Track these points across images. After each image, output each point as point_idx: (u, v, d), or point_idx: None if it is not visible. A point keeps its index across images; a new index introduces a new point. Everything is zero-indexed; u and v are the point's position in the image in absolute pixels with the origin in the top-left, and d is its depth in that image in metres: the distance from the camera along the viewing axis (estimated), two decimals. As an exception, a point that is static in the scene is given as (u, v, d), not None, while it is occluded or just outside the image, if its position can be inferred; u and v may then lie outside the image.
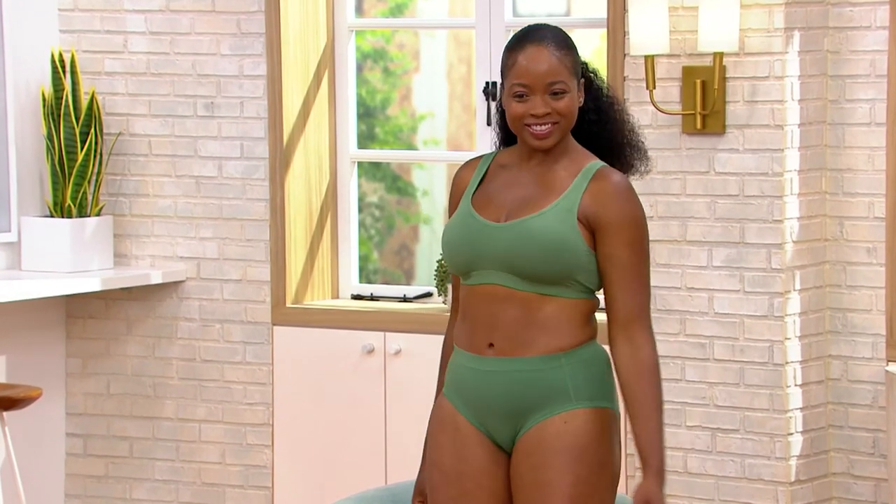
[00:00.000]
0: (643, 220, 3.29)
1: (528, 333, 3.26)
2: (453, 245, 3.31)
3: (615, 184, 3.26)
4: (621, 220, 3.24)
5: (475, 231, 3.29)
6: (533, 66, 3.23)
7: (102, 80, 5.40)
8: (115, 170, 5.42)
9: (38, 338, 5.38)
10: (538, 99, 3.23)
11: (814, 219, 4.73)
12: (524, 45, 3.26)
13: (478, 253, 3.28)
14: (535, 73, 3.23)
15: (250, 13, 5.22)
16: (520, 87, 3.24)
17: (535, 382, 3.26)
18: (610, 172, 3.28)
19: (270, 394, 5.26)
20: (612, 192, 3.25)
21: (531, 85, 3.23)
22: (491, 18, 5.13)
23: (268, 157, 5.24)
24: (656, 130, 4.77)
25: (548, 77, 3.24)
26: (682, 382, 4.76)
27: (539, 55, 3.23)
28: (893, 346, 4.63)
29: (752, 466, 4.67)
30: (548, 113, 3.24)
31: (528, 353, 3.25)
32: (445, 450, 3.31)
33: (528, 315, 3.26)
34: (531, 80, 3.23)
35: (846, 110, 4.69)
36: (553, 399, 3.26)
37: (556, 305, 3.26)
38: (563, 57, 3.26)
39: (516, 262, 3.24)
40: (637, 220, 3.26)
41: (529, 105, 3.24)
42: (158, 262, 5.38)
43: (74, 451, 5.47)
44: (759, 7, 4.62)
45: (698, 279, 4.74)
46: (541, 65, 3.23)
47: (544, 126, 3.24)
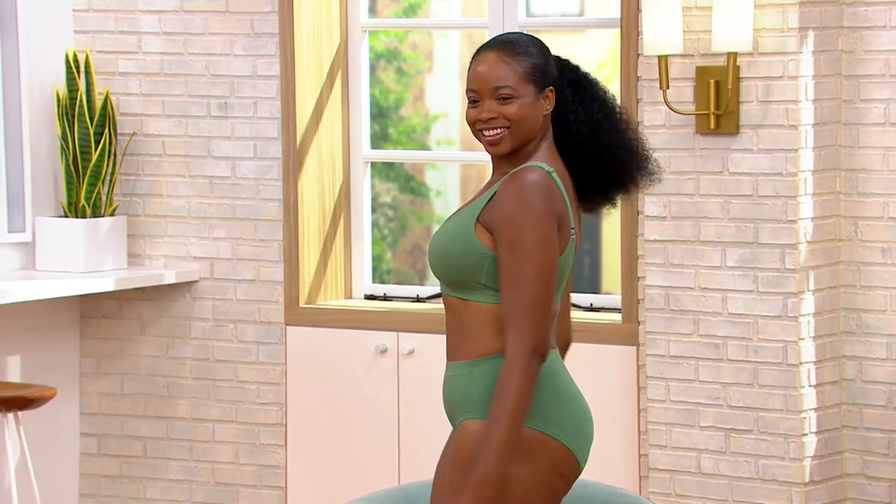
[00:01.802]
0: (527, 222, 3.07)
1: (455, 338, 3.19)
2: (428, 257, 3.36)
3: (513, 185, 3.13)
4: (503, 220, 3.12)
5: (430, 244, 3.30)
6: (481, 72, 3.20)
7: (116, 80, 5.38)
8: (128, 170, 5.40)
9: (52, 338, 5.36)
10: (485, 104, 3.19)
11: (828, 219, 4.68)
12: (480, 51, 3.24)
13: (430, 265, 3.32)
14: (482, 78, 3.20)
15: (264, 13, 5.20)
16: (471, 93, 3.23)
17: (451, 389, 3.19)
18: (521, 173, 3.15)
19: (284, 394, 5.23)
20: (508, 192, 3.13)
21: (479, 90, 3.20)
22: (504, 18, 5.10)
23: (281, 158, 5.22)
24: (670, 130, 4.72)
25: (493, 82, 3.19)
26: (696, 383, 4.71)
27: (487, 60, 3.20)
28: None
29: (766, 467, 4.63)
30: (493, 118, 3.19)
31: (456, 359, 3.19)
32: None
33: (455, 320, 3.19)
34: (479, 85, 3.20)
35: (861, 110, 4.65)
36: (458, 407, 3.18)
37: (473, 310, 3.16)
38: (514, 62, 3.19)
39: (434, 268, 3.22)
40: (516, 222, 3.08)
41: (479, 110, 3.21)
42: (172, 263, 5.36)
43: (89, 451, 5.45)
44: (773, 7, 4.59)
45: (712, 279, 4.69)
46: (487, 70, 3.19)
47: (494, 131, 3.19)
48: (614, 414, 4.86)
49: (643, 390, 4.83)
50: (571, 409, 3.13)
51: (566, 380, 3.17)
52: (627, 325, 4.84)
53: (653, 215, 4.75)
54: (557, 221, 3.11)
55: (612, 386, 4.86)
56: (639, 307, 4.83)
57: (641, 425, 4.82)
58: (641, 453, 4.82)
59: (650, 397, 4.77)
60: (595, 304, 5.06)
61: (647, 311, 4.76)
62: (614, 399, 4.86)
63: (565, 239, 3.13)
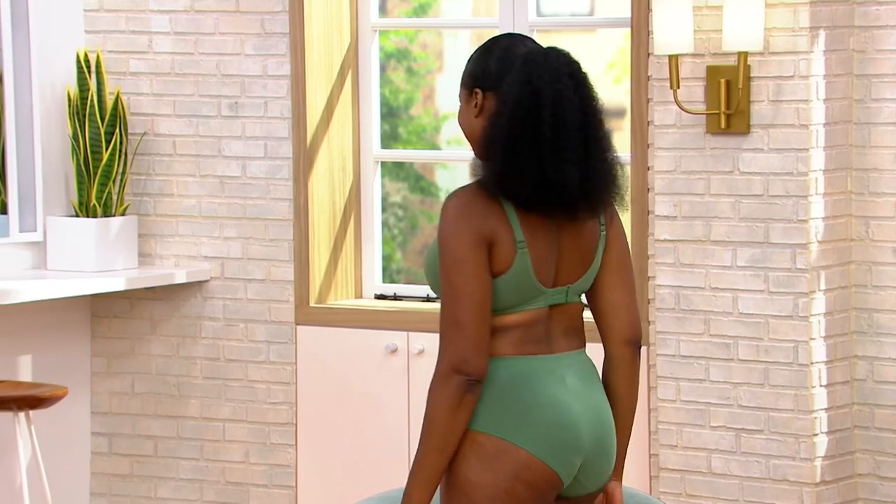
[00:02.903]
0: (442, 245, 3.04)
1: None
2: None
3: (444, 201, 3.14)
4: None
5: None
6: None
7: (127, 80, 5.37)
8: (139, 170, 5.38)
9: (63, 337, 5.35)
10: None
11: (839, 219, 4.64)
12: None
13: None
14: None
15: (274, 13, 5.18)
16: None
17: None
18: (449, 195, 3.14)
19: (294, 393, 5.21)
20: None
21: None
22: (515, 18, 5.06)
23: (291, 157, 5.20)
24: (680, 130, 4.69)
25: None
26: (707, 383, 4.68)
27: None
28: None
29: (777, 467, 4.59)
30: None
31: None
32: None
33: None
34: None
35: (872, 110, 4.62)
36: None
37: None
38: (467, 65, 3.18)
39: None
40: (438, 245, 3.07)
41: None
42: (183, 262, 5.35)
43: (99, 450, 5.44)
44: (784, 6, 4.55)
45: (722, 279, 4.65)
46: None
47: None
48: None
49: (654, 390, 4.80)
50: (540, 416, 3.08)
51: (542, 387, 3.10)
52: (638, 324, 4.81)
53: (663, 215, 4.72)
54: (486, 239, 3.05)
55: (623, 386, 4.82)
56: (649, 307, 4.80)
57: (652, 425, 4.79)
58: (652, 453, 4.79)
59: (661, 397, 4.73)
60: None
61: (657, 310, 4.73)
62: (625, 399, 4.82)
63: (506, 253, 3.06)
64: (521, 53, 3.12)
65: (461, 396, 3.03)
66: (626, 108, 4.85)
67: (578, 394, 3.14)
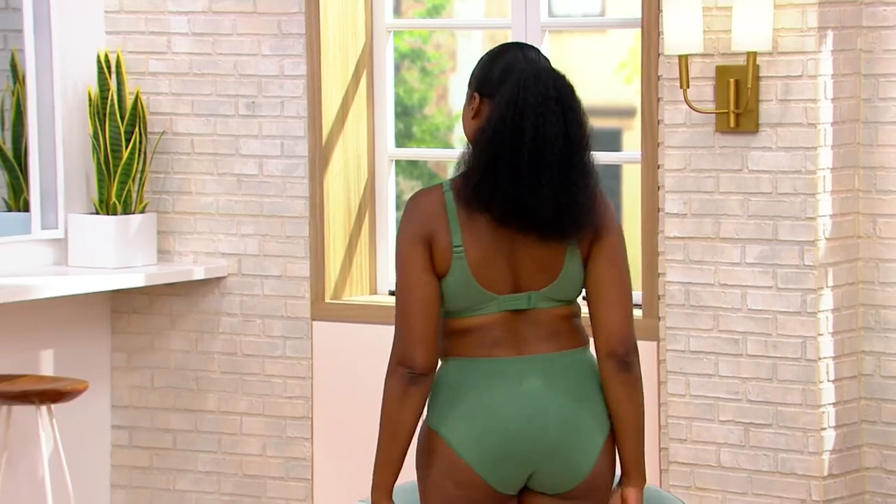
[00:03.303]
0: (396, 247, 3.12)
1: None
2: None
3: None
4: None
5: None
6: None
7: (147, 80, 5.34)
8: (158, 168, 5.35)
9: (84, 332, 5.33)
10: None
11: (847, 216, 4.58)
12: None
13: None
14: None
15: (291, 14, 5.15)
16: None
17: None
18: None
19: (310, 388, 5.18)
20: None
21: None
22: (527, 19, 5.01)
23: (307, 156, 5.17)
24: (690, 129, 4.63)
25: None
26: (716, 378, 4.62)
27: None
28: None
29: (785, 461, 4.54)
30: None
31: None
32: None
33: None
34: None
35: (879, 109, 4.57)
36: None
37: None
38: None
39: None
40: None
41: None
42: (201, 259, 5.31)
43: (120, 443, 5.42)
44: (793, 7, 4.51)
45: (731, 276, 4.60)
46: None
47: None
48: (635, 408, 4.75)
49: (664, 385, 4.74)
50: (471, 420, 3.07)
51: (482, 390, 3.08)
52: (648, 320, 4.76)
53: (673, 212, 4.66)
54: (425, 241, 3.06)
55: (634, 381, 4.75)
56: (659, 303, 4.75)
57: (662, 419, 4.73)
58: (662, 447, 4.74)
59: (670, 392, 4.67)
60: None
61: (667, 306, 4.67)
62: (635, 394, 4.75)
63: (444, 257, 3.05)
64: (518, 69, 3.07)
65: (405, 388, 3.06)
66: (637, 108, 4.82)
67: (531, 397, 3.08)
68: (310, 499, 5.19)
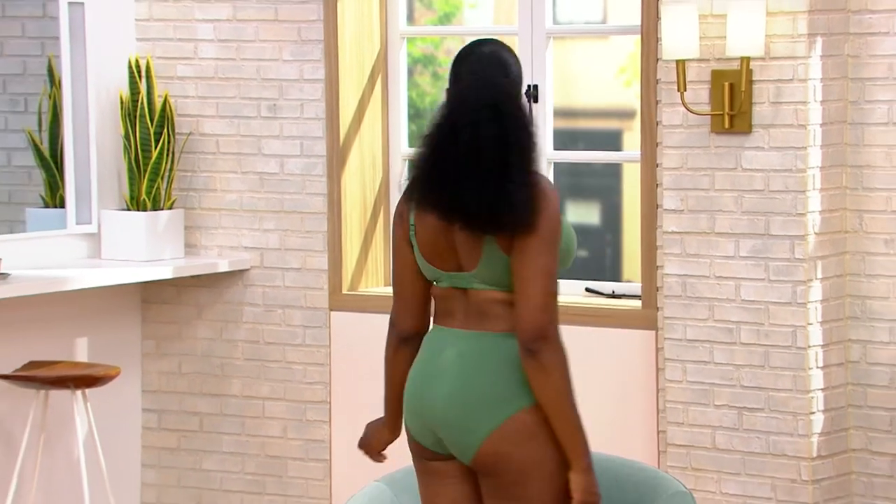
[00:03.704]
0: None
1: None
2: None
3: None
4: None
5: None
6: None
7: (175, 84, 5.34)
8: (185, 167, 5.36)
9: (116, 321, 5.33)
10: None
11: (835, 212, 4.58)
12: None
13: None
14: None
15: (310, 22, 5.15)
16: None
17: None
18: None
19: (328, 374, 5.18)
20: None
21: None
22: (533, 26, 5.01)
23: (326, 155, 5.17)
24: (687, 130, 4.63)
25: None
26: (711, 364, 4.62)
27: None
28: None
29: (777, 443, 4.53)
30: None
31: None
32: None
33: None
34: None
35: (865, 111, 4.56)
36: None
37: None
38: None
39: None
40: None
41: None
42: (225, 252, 5.32)
43: (150, 425, 5.42)
44: (784, 14, 4.49)
45: (726, 268, 4.59)
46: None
47: None
48: (635, 393, 4.76)
49: (661, 371, 4.74)
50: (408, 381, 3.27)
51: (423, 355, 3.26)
52: (647, 310, 4.75)
53: (671, 209, 4.66)
54: (402, 220, 3.28)
55: (633, 367, 4.76)
56: (657, 294, 4.75)
57: (660, 404, 4.73)
58: (660, 430, 4.74)
59: (668, 378, 4.67)
60: (617, 292, 4.96)
61: (665, 297, 4.67)
62: (635, 379, 4.76)
63: (406, 233, 3.28)
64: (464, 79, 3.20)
65: (395, 347, 3.32)
66: (637, 110, 4.80)
67: (444, 369, 3.20)
68: (328, 478, 5.19)
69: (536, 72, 4.99)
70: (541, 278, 3.14)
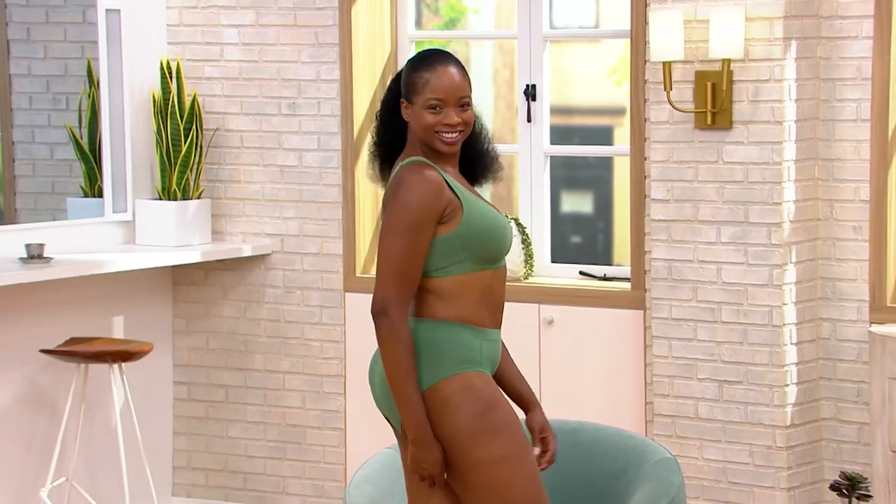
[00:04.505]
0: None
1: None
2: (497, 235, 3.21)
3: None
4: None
5: (506, 223, 3.24)
6: (447, 84, 3.16)
7: (202, 84, 5.31)
8: (212, 160, 5.33)
9: (149, 301, 5.31)
10: (450, 111, 3.17)
11: (808, 201, 4.55)
12: (434, 65, 3.18)
13: (510, 240, 3.25)
14: (450, 89, 3.16)
15: (326, 27, 5.13)
16: (436, 101, 3.16)
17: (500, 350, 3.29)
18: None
19: (343, 350, 5.16)
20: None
21: (446, 99, 3.16)
22: (531, 30, 4.97)
23: (341, 149, 5.15)
24: (672, 126, 4.60)
25: (459, 92, 3.18)
26: (694, 341, 4.60)
27: (450, 74, 3.17)
28: (875, 310, 4.51)
29: (754, 413, 4.52)
30: (458, 122, 3.17)
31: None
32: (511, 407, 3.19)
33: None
34: (446, 94, 3.16)
35: (836, 108, 4.53)
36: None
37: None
38: (464, 75, 3.21)
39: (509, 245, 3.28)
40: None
41: (443, 116, 3.16)
42: (249, 238, 5.29)
43: (180, 397, 5.40)
44: (762, 20, 4.46)
45: (708, 253, 4.57)
46: (454, 82, 3.16)
47: (454, 134, 3.18)
48: (624, 368, 4.73)
49: (649, 348, 4.72)
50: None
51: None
52: (636, 292, 4.73)
53: (658, 198, 4.63)
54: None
55: (623, 344, 4.73)
56: (645, 277, 4.72)
57: (647, 377, 4.71)
58: (647, 401, 4.72)
59: (655, 354, 4.65)
60: (608, 275, 4.93)
61: (652, 280, 4.65)
62: (624, 355, 4.73)
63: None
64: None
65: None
66: (626, 108, 4.77)
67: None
68: (343, 445, 5.18)
69: (534, 72, 4.95)
70: (382, 256, 3.15)
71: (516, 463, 3.08)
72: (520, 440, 3.12)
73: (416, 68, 3.17)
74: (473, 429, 3.09)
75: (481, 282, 3.16)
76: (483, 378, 3.15)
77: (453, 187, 3.17)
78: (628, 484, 3.65)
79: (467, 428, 3.09)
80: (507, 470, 3.08)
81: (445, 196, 3.15)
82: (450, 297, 3.16)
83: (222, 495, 5.36)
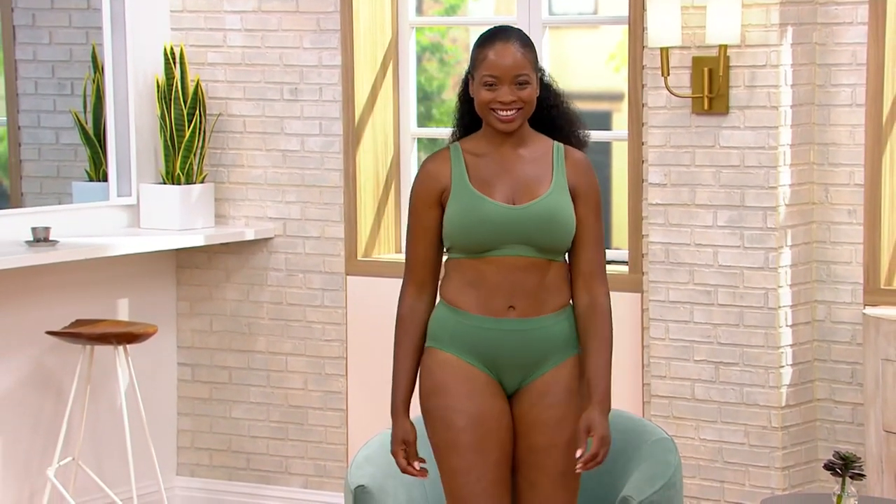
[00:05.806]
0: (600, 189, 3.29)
1: (542, 295, 3.19)
2: (471, 226, 3.18)
3: (584, 159, 3.23)
4: (591, 189, 3.20)
5: (494, 213, 3.18)
6: (504, 61, 3.13)
7: (206, 69, 5.30)
8: (215, 144, 5.33)
9: (154, 284, 5.31)
10: (506, 88, 3.14)
11: (803, 185, 4.55)
12: (494, 42, 3.16)
13: (500, 231, 3.17)
14: (506, 66, 3.14)
15: (328, 13, 5.12)
16: (491, 78, 3.14)
17: (547, 337, 3.20)
18: (573, 150, 3.23)
19: (344, 332, 5.17)
20: (584, 166, 3.20)
21: (501, 76, 3.14)
22: (530, 16, 4.97)
23: (342, 134, 5.14)
24: (670, 111, 4.59)
25: (515, 70, 3.15)
26: (691, 324, 4.59)
27: (509, 51, 3.14)
28: (869, 292, 4.50)
29: (750, 394, 4.52)
30: (514, 100, 3.15)
31: (543, 313, 3.19)
32: (463, 396, 3.18)
33: (541, 280, 3.18)
34: (501, 72, 3.14)
35: (831, 93, 4.52)
36: (558, 349, 3.20)
37: (555, 269, 3.20)
38: (526, 53, 3.17)
39: (537, 236, 3.16)
40: (598, 190, 3.25)
41: (498, 93, 3.14)
42: (252, 222, 5.28)
43: (184, 378, 5.40)
44: (758, 6, 4.46)
45: (705, 237, 4.57)
46: (511, 59, 3.14)
47: (510, 111, 3.15)
48: (622, 350, 4.73)
49: (646, 330, 4.72)
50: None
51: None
52: (633, 275, 4.73)
53: (655, 182, 4.63)
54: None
55: (621, 326, 4.73)
56: (643, 260, 4.72)
57: (645, 359, 4.71)
58: (645, 382, 4.72)
59: (652, 336, 4.65)
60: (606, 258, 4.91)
61: (650, 263, 4.65)
62: (622, 337, 4.73)
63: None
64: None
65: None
66: (624, 93, 4.76)
67: None
68: (344, 426, 5.18)
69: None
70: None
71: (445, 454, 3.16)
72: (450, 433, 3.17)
73: (480, 45, 3.19)
74: (423, 408, 3.27)
75: (470, 268, 3.18)
76: (441, 359, 3.21)
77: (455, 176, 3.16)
78: (626, 464, 3.65)
79: (421, 405, 3.28)
80: (439, 458, 3.19)
81: (439, 184, 3.17)
82: (447, 277, 3.23)
83: (226, 475, 5.36)
